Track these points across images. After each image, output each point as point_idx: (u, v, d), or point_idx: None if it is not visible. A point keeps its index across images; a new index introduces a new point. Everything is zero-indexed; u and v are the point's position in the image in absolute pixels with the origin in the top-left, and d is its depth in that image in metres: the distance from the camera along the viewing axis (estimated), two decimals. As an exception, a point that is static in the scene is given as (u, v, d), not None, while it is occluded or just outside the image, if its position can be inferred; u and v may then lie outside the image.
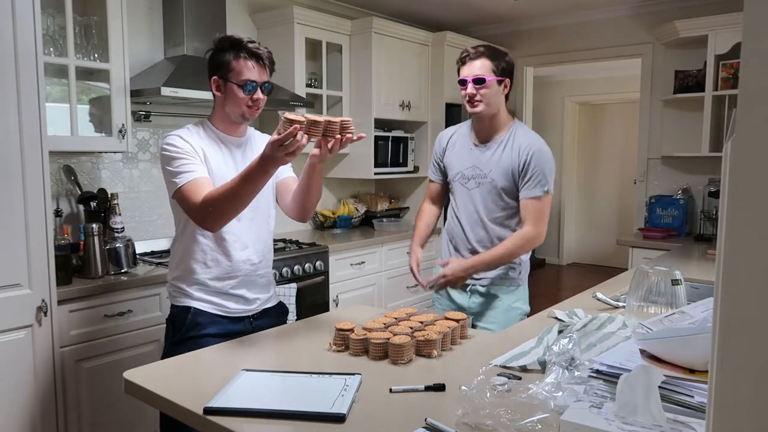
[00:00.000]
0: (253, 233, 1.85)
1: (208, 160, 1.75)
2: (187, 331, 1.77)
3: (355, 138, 1.60)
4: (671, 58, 4.10)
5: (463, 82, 2.14)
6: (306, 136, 1.48)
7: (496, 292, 2.21)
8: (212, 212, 1.63)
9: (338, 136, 1.57)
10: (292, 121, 1.45)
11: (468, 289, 2.24)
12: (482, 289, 2.22)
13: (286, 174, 2.00)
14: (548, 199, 2.13)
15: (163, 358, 1.70)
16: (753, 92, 0.50)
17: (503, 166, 2.13)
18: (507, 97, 2.20)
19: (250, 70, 1.75)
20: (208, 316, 1.78)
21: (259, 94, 1.77)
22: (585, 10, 4.38)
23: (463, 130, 2.30)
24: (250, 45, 1.75)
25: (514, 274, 2.22)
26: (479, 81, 2.09)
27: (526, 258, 2.26)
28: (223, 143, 1.82)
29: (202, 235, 1.77)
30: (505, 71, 2.13)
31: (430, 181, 2.42)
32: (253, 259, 1.85)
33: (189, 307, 1.79)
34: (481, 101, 2.11)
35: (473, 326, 2.22)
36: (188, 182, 1.67)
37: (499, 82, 2.12)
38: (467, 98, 2.13)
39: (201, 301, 1.79)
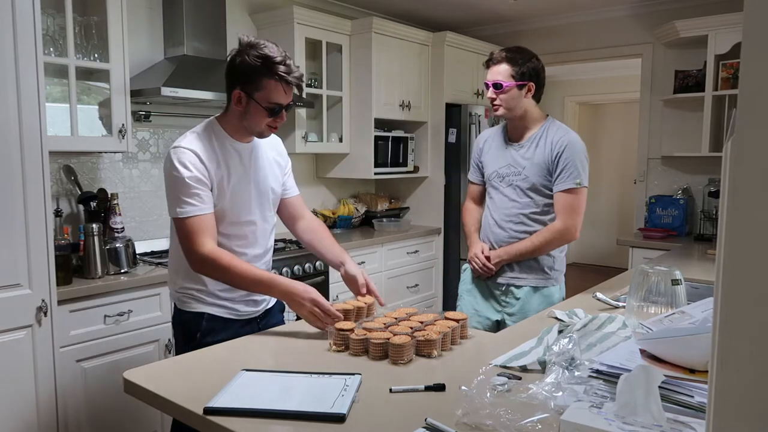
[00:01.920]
0: (265, 246, 1.87)
1: (222, 178, 1.70)
2: (202, 338, 1.73)
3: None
4: (671, 58, 4.10)
5: (487, 85, 2.18)
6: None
7: (533, 291, 2.21)
8: (208, 271, 1.68)
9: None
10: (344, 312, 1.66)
11: (503, 288, 2.25)
12: (516, 291, 2.23)
13: (293, 193, 2.00)
14: (582, 192, 2.14)
15: None
16: (753, 92, 0.50)
17: (537, 162, 2.15)
18: (538, 98, 2.20)
19: (280, 95, 1.66)
20: (221, 321, 1.76)
21: (283, 116, 1.71)
22: (585, 10, 4.38)
23: (498, 130, 2.34)
24: (283, 69, 1.63)
25: (551, 273, 2.23)
26: (497, 86, 2.13)
27: (560, 256, 2.26)
28: (234, 150, 1.76)
29: None
30: (527, 75, 2.13)
31: (471, 183, 2.45)
32: (260, 265, 1.86)
33: (203, 313, 1.76)
34: (501, 105, 2.15)
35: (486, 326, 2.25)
36: (193, 217, 1.64)
37: (521, 87, 2.13)
38: (490, 101, 2.18)
39: (215, 306, 1.77)
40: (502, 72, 2.13)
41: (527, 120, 2.19)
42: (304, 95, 1.78)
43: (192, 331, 1.76)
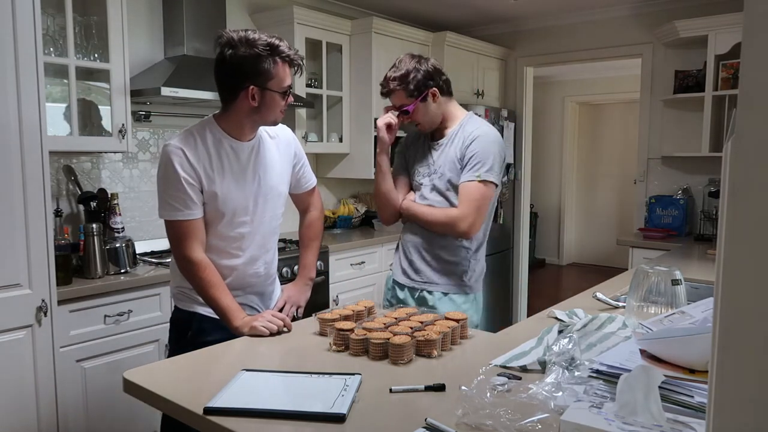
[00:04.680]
0: (264, 247, 1.85)
1: (214, 179, 1.69)
2: (193, 338, 1.73)
3: None
4: (671, 58, 4.10)
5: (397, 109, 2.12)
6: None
7: (444, 299, 2.08)
8: (189, 276, 1.72)
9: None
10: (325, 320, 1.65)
11: (416, 297, 2.12)
12: (429, 296, 2.09)
13: (306, 187, 2.03)
14: (481, 187, 1.98)
15: None
16: (753, 92, 0.51)
17: (450, 158, 2.06)
18: (450, 93, 2.14)
19: (288, 76, 1.70)
20: (213, 323, 1.74)
21: (290, 97, 1.75)
22: (585, 10, 4.38)
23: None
24: (287, 50, 1.68)
25: (465, 280, 2.09)
26: (405, 113, 2.07)
27: (480, 264, 2.13)
28: (232, 149, 1.73)
29: (211, 253, 1.75)
30: (423, 85, 2.03)
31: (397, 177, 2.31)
32: (260, 270, 1.85)
33: (195, 313, 1.76)
34: (419, 123, 2.10)
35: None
36: (183, 221, 1.67)
37: (423, 99, 2.04)
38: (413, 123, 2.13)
39: (209, 307, 1.75)
40: (400, 98, 2.05)
41: (447, 120, 2.13)
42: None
43: (183, 330, 1.77)
